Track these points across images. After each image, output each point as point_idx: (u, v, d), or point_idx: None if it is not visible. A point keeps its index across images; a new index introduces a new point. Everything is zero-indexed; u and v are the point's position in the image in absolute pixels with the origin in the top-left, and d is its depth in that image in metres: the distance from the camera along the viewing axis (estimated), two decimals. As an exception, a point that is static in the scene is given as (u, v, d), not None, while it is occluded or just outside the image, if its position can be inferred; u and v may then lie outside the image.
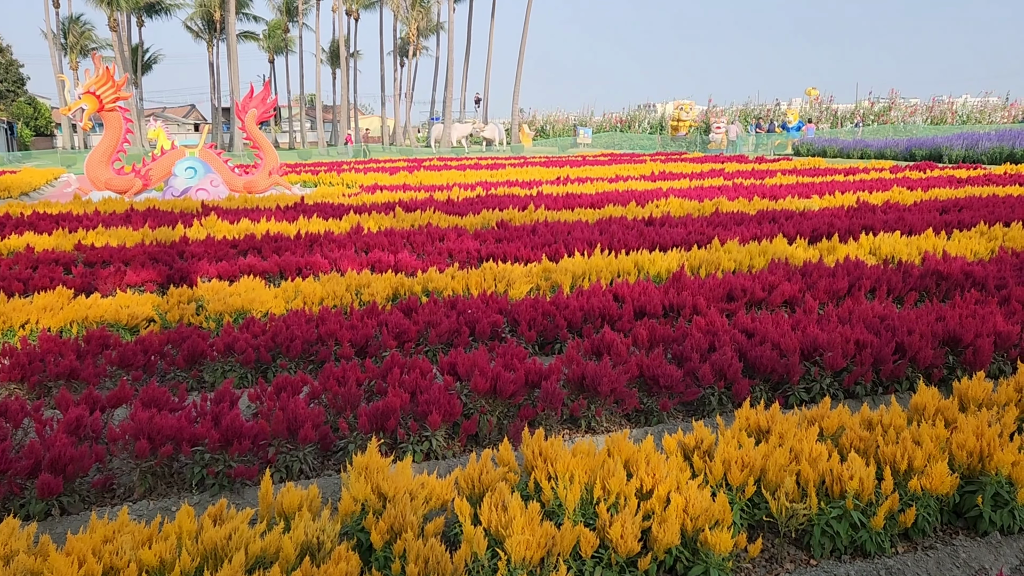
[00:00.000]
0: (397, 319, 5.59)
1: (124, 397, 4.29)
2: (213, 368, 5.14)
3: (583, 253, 8.20)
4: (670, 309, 6.14)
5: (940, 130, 39.13)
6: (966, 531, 3.37)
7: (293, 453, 3.88)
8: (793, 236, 9.26)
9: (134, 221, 11.10)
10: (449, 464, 3.99)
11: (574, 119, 63.55)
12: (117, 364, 4.99)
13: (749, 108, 54.07)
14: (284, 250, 8.78)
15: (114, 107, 15.56)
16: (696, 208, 12.16)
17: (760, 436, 3.66)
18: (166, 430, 3.69)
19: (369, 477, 3.12)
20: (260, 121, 17.03)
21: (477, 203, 13.21)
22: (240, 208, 12.92)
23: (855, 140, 34.23)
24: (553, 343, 5.75)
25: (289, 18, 63.14)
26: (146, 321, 6.21)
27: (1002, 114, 50.18)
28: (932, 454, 3.34)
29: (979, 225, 9.54)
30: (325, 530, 2.84)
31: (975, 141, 27.74)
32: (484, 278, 7.09)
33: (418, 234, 9.63)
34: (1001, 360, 5.09)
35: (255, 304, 6.31)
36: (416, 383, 4.28)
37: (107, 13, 51.09)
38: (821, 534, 3.16)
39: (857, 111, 50.75)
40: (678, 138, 43.30)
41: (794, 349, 4.76)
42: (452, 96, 53.93)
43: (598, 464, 3.22)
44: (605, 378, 4.33)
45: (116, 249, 8.61)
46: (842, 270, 7.04)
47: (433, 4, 58.58)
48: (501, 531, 2.81)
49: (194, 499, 3.65)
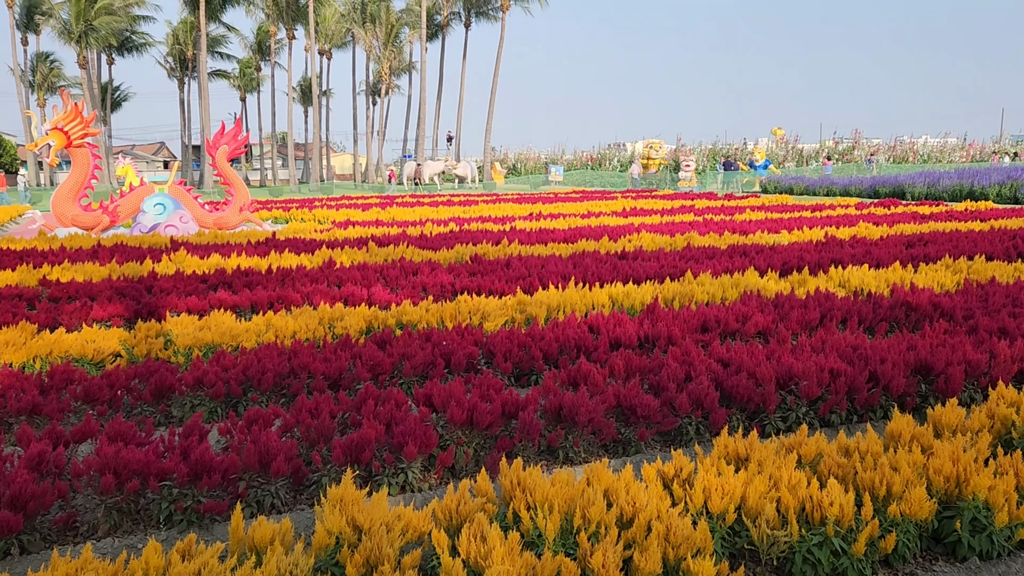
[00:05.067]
0: (371, 352, 5.52)
1: (89, 432, 4.17)
2: (182, 402, 5.03)
3: (557, 286, 8.20)
4: (645, 340, 6.14)
5: (902, 168, 40.11)
6: (945, 557, 3.36)
7: (265, 487, 3.78)
8: (764, 269, 9.35)
9: (101, 256, 10.92)
10: (425, 497, 3.91)
11: (545, 157, 64.15)
12: (82, 399, 4.86)
13: (717, 147, 55.09)
14: (255, 285, 8.67)
15: (82, 143, 15.37)
16: (668, 243, 12.26)
17: (739, 464, 3.64)
18: (133, 464, 3.58)
19: (344, 509, 3.05)
20: (231, 158, 16.94)
21: (450, 238, 13.21)
22: (210, 243, 12.79)
23: (821, 178, 34.90)
24: (529, 375, 5.71)
25: (261, 56, 63.38)
26: (112, 356, 6.08)
27: (961, 154, 51.70)
28: (910, 479, 3.34)
29: (944, 258, 9.71)
30: (298, 564, 2.76)
31: (936, 179, 28.41)
32: (459, 311, 7.05)
33: (391, 268, 9.59)
34: (972, 388, 5.14)
35: (226, 338, 6.21)
36: (391, 415, 4.22)
37: (76, 50, 50.85)
38: (803, 562, 3.13)
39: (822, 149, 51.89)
40: (648, 176, 43.84)
41: (770, 378, 4.77)
42: (424, 134, 54.31)
43: (578, 493, 3.17)
44: (583, 408, 4.30)
45: (82, 284, 8.46)
46: (813, 301, 7.10)
47: (405, 44, 59.22)
48: (480, 562, 2.75)
49: (161, 536, 3.53)
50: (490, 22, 57.24)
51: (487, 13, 56.43)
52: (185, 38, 58.63)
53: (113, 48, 57.01)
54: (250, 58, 64.14)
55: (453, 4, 56.08)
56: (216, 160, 16.73)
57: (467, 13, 56.54)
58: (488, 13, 56.40)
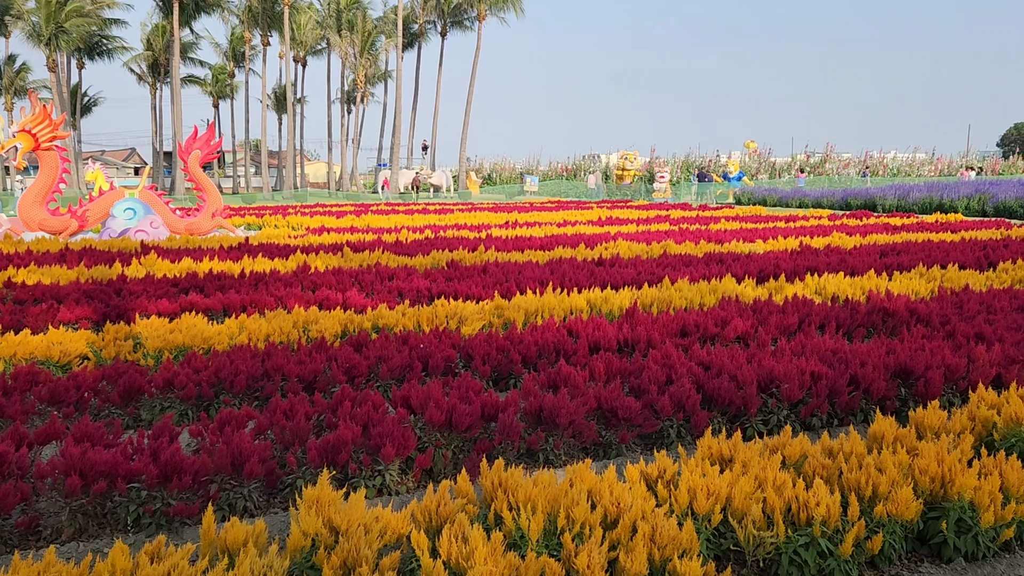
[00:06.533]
0: (347, 354, 5.41)
1: (54, 434, 4.03)
2: (151, 405, 4.88)
3: (535, 291, 8.14)
4: (625, 344, 6.09)
5: (873, 181, 40.72)
6: (931, 558, 3.34)
7: (237, 490, 3.66)
8: (741, 276, 9.37)
9: (69, 260, 10.68)
10: (403, 499, 3.81)
11: (521, 167, 64.25)
12: (47, 401, 4.70)
13: (691, 159, 55.59)
14: (228, 288, 8.50)
15: (50, 146, 15.06)
16: (645, 250, 12.26)
17: (724, 465, 3.59)
18: (99, 466, 3.45)
19: (320, 510, 2.95)
20: (204, 163, 16.68)
21: (426, 244, 13.11)
22: (182, 248, 12.57)
23: (794, 190, 35.29)
24: (508, 378, 5.63)
25: (235, 63, 62.85)
26: (80, 359, 5.91)
27: (929, 168, 52.70)
28: (896, 480, 3.31)
29: (918, 267, 9.80)
30: (272, 566, 2.66)
31: (906, 192, 28.82)
32: (436, 315, 6.96)
33: (367, 273, 9.47)
34: (951, 392, 5.14)
35: (197, 340, 6.06)
36: (368, 416, 4.12)
37: (46, 54, 50.07)
38: (789, 563, 3.08)
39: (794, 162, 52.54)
40: (623, 187, 44.05)
41: (751, 381, 4.74)
42: (399, 143, 54.08)
43: (561, 493, 3.10)
44: (563, 410, 4.23)
45: (48, 287, 8.24)
46: (792, 307, 7.11)
47: (381, 52, 58.99)
48: (462, 563, 2.66)
49: (129, 539, 3.40)
50: (466, 32, 57.32)
51: (463, 23, 56.45)
52: (157, 43, 57.97)
53: (83, 52, 56.21)
54: (224, 64, 63.57)
55: (429, 13, 56.03)
56: (188, 165, 16.47)
57: (443, 22, 56.52)
58: (464, 23, 56.42)
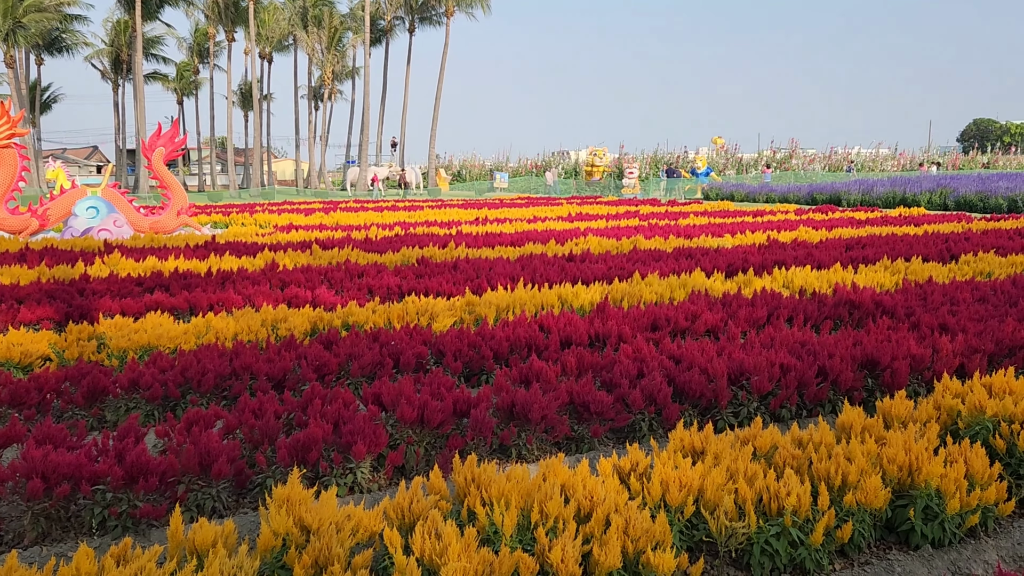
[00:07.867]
0: (317, 352, 5.35)
1: (15, 437, 3.93)
2: (116, 405, 4.79)
3: (506, 287, 8.12)
4: (596, 339, 6.10)
5: (838, 177, 41.28)
6: (899, 546, 3.38)
7: (206, 490, 3.61)
8: (710, 270, 9.43)
9: (29, 259, 10.45)
10: (375, 497, 3.78)
11: (490, 164, 64.17)
12: (7, 403, 4.59)
13: (659, 155, 55.93)
14: (194, 287, 8.38)
15: (8, 144, 14.71)
16: (615, 246, 12.30)
17: (695, 457, 3.61)
18: (63, 468, 3.37)
19: (291, 509, 2.91)
20: (168, 160, 16.40)
21: (396, 241, 13.03)
22: (146, 246, 12.36)
23: (761, 185, 35.66)
24: (479, 374, 5.61)
25: (200, 59, 61.91)
26: (42, 359, 5.77)
27: (892, 163, 53.58)
28: (864, 469, 3.35)
29: (883, 260, 9.95)
30: (243, 567, 2.61)
31: (870, 187, 29.26)
32: (407, 311, 6.92)
33: (336, 271, 9.39)
34: (916, 382, 5.22)
35: (163, 340, 5.96)
36: (339, 414, 4.08)
37: (3, 49, 48.93)
38: (760, 553, 3.10)
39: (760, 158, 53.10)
40: (592, 183, 44.19)
41: (722, 373, 4.77)
42: (368, 140, 53.69)
43: (534, 488, 3.09)
44: (536, 405, 4.23)
45: (8, 287, 8.06)
46: (760, 300, 7.17)
47: (349, 48, 58.47)
48: (436, 559, 2.64)
49: (95, 543, 3.33)
50: (434, 28, 57.02)
51: (431, 19, 56.16)
52: (120, 39, 56.93)
53: (42, 48, 55.02)
54: (188, 60, 62.59)
55: (397, 9, 55.65)
56: (152, 162, 16.19)
57: (411, 18, 56.17)
58: (432, 19, 56.13)
